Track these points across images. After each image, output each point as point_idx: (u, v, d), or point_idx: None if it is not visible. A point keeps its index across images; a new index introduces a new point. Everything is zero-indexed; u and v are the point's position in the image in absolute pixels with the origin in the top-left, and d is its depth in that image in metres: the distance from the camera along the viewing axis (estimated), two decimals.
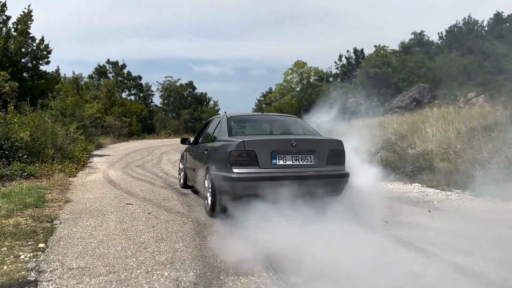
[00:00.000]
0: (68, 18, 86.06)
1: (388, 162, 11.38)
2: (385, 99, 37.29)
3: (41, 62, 16.43)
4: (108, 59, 36.20)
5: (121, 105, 31.06)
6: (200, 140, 7.32)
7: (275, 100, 40.39)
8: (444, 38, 52.02)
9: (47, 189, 7.54)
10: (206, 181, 5.81)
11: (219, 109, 43.34)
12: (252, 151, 5.02)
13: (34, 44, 16.05)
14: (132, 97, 37.20)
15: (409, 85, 38.09)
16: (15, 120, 10.46)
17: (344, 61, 47.43)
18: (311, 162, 5.17)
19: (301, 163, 5.13)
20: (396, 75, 39.28)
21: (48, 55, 16.52)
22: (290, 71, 37.75)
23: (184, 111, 36.96)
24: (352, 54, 47.39)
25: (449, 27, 52.16)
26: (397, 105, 35.69)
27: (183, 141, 8.13)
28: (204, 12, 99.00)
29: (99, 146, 22.38)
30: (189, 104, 39.39)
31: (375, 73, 38.78)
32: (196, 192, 7.59)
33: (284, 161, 5.08)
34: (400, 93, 36.57)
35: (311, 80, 37.42)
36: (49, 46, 16.51)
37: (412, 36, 54.19)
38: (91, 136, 22.01)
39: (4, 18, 16.00)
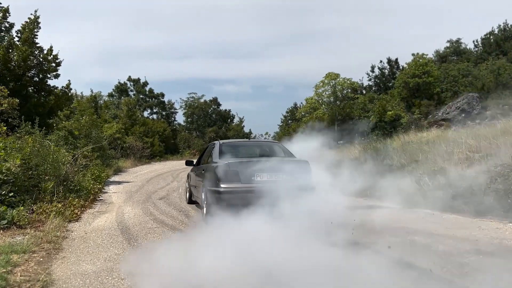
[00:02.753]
0: (90, 43, 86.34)
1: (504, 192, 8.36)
2: (428, 111, 34.07)
3: (49, 75, 14.10)
4: (129, 76, 34.18)
5: (143, 125, 28.82)
6: (201, 162, 8.69)
7: (305, 116, 37.54)
8: (481, 45, 48.63)
9: (26, 252, 4.87)
10: (203, 195, 7.21)
11: (244, 126, 40.84)
12: (236, 170, 6.42)
13: (41, 55, 13.78)
14: (154, 116, 35.16)
15: (453, 96, 34.79)
16: (0, 145, 7.94)
17: (377, 72, 44.53)
18: (282, 178, 6.33)
19: (274, 179, 6.35)
20: (438, 84, 35.95)
21: (57, 68, 14.19)
22: (321, 84, 34.91)
23: (208, 129, 34.49)
24: (386, 65, 44.38)
25: (485, 35, 48.82)
26: (443, 117, 32.43)
27: (188, 163, 9.60)
28: (221, 32, 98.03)
29: (118, 171, 19.95)
30: (213, 122, 36.93)
31: (415, 83, 35.57)
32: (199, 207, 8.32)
33: (261, 178, 6.38)
34: (445, 104, 33.27)
35: (344, 92, 34.46)
36: (58, 56, 14.21)
37: (448, 44, 51.02)
38: (109, 160, 19.64)
39: (7, 25, 13.84)
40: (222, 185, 6.34)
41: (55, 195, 8.51)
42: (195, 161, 9.52)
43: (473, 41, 49.77)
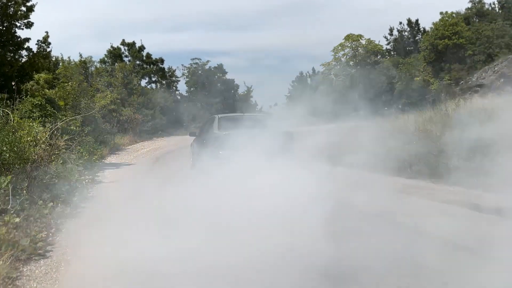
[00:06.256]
0: (84, 16, 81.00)
1: None
2: (460, 76, 30.51)
3: (18, 23, 10.38)
4: (123, 40, 29.86)
5: (141, 94, 25.18)
6: (203, 133, 10.25)
7: (320, 84, 33.81)
8: (498, 5, 44.64)
9: None
10: (205, 160, 8.39)
11: (252, 96, 37.16)
12: (232, 140, 7.54)
13: None
14: (153, 85, 31.30)
15: (487, 59, 31.14)
16: None
17: (396, 34, 40.60)
18: (270, 146, 6.97)
19: (263, 147, 7.03)
20: (471, 46, 32.15)
21: (29, 13, 10.47)
22: (340, 47, 31.11)
23: (215, 100, 30.84)
24: (406, 27, 40.35)
25: None
26: (478, 83, 28.92)
27: (192, 134, 11.57)
28: (215, 3, 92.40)
29: (115, 149, 16.50)
30: (219, 92, 33.18)
31: (445, 45, 31.76)
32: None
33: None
34: (479, 69, 29.66)
35: (366, 55, 30.70)
36: None
37: (470, 5, 46.82)
38: (103, 135, 16.14)
39: None
40: (220, 152, 7.72)
41: (12, 200, 5.06)
42: (197, 132, 11.36)
43: (490, 3, 45.49)
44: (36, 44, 11.23)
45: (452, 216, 4.93)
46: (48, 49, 11.77)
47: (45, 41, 11.48)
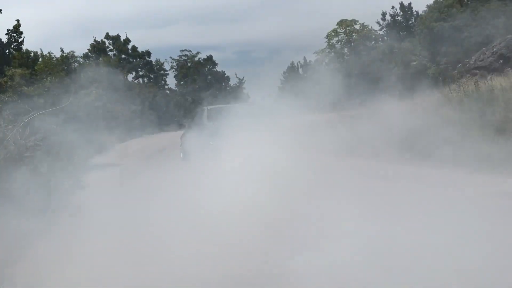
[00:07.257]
0: (65, 13, 78.76)
1: None
2: (457, 59, 29.74)
3: None
4: (107, 33, 28.57)
5: (128, 89, 23.99)
6: (192, 124, 11.55)
7: (311, 72, 32.85)
8: None
9: None
10: (195, 149, 9.27)
11: (245, 88, 36.04)
12: (220, 130, 7.88)
13: None
14: (141, 80, 29.96)
15: (485, 40, 30.38)
16: None
17: (389, 19, 39.72)
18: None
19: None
20: (467, 28, 31.33)
21: None
22: (333, 33, 30.10)
23: (206, 93, 29.73)
24: (399, 11, 39.45)
25: None
26: (476, 65, 28.20)
27: (182, 126, 12.81)
28: None
29: (101, 148, 15.34)
30: (210, 85, 32.01)
31: (440, 28, 30.88)
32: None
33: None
34: (477, 50, 28.93)
35: (360, 41, 29.81)
36: None
37: None
38: (88, 134, 14.96)
39: None
40: (210, 142, 8.39)
41: None
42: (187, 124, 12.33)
43: None
44: (6, 34, 10.00)
45: None
46: (20, 39, 10.52)
47: (16, 30, 10.25)
